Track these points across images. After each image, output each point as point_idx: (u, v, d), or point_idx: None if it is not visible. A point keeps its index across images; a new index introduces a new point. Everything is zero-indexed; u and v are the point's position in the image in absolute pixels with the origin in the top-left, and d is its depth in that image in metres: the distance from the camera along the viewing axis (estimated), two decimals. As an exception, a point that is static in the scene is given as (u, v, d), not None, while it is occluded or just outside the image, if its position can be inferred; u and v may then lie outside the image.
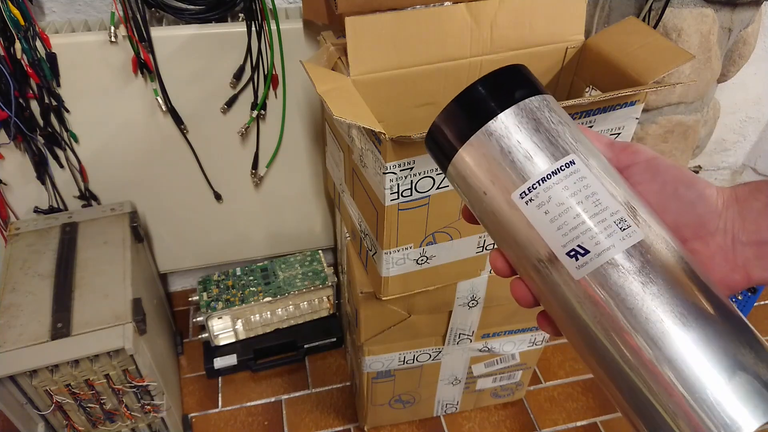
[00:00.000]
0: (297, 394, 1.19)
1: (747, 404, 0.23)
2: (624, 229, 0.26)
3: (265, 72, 0.97)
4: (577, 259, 0.26)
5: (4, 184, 0.98)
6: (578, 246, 0.26)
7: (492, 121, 0.28)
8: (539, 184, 0.27)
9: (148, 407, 0.95)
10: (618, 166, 0.30)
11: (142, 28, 0.87)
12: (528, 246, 0.28)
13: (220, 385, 1.20)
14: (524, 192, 0.27)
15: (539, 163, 0.27)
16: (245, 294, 1.15)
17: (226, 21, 0.95)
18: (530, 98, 0.28)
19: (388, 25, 0.69)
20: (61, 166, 0.99)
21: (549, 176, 0.27)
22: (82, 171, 1.01)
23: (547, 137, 0.27)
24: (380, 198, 0.66)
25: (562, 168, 0.27)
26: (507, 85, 0.29)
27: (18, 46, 0.83)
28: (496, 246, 0.31)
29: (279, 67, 0.97)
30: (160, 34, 0.90)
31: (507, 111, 0.28)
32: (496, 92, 0.29)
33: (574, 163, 0.27)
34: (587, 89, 0.79)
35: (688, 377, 0.24)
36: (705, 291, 0.26)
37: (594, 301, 0.26)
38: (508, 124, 0.28)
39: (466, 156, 0.29)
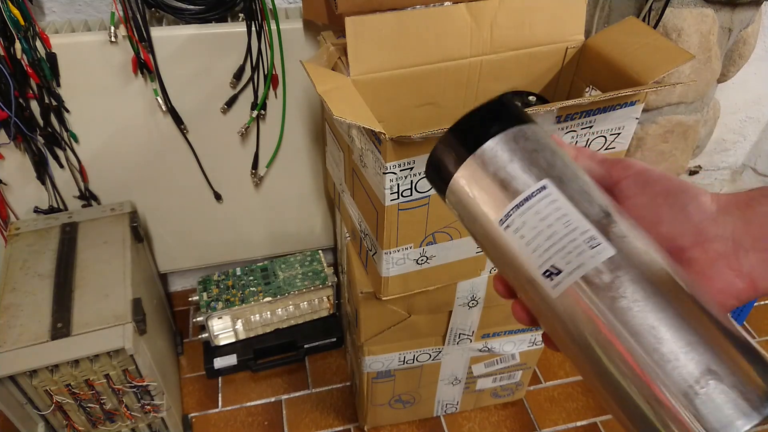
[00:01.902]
0: (297, 394, 1.19)
1: (718, 414, 0.24)
2: (593, 247, 0.27)
3: (265, 72, 0.97)
4: (551, 279, 0.27)
5: (4, 184, 0.98)
6: (551, 266, 0.27)
7: (471, 156, 0.30)
8: (514, 211, 0.29)
9: (148, 407, 0.95)
10: (610, 181, 0.31)
11: (142, 28, 0.87)
12: (515, 269, 0.29)
13: (220, 385, 1.20)
14: (501, 219, 0.29)
15: (513, 191, 0.29)
16: (245, 294, 1.15)
17: (226, 21, 0.95)
18: (507, 130, 0.30)
19: (388, 25, 0.69)
20: (61, 166, 0.99)
21: (522, 203, 0.29)
22: (82, 171, 1.01)
23: (520, 165, 0.29)
24: (380, 198, 0.66)
25: (534, 194, 0.29)
26: (486, 119, 0.31)
27: (18, 46, 0.83)
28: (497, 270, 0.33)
29: (279, 67, 0.97)
30: (160, 34, 0.90)
31: (484, 145, 0.30)
32: (476, 126, 0.31)
33: (546, 188, 0.29)
34: (587, 89, 0.79)
35: (662, 386, 0.25)
36: (684, 300, 0.26)
37: (572, 317, 0.27)
38: (485, 158, 0.30)
39: (454, 190, 0.32)
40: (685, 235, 0.28)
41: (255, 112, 1.00)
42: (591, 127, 0.69)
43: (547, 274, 0.28)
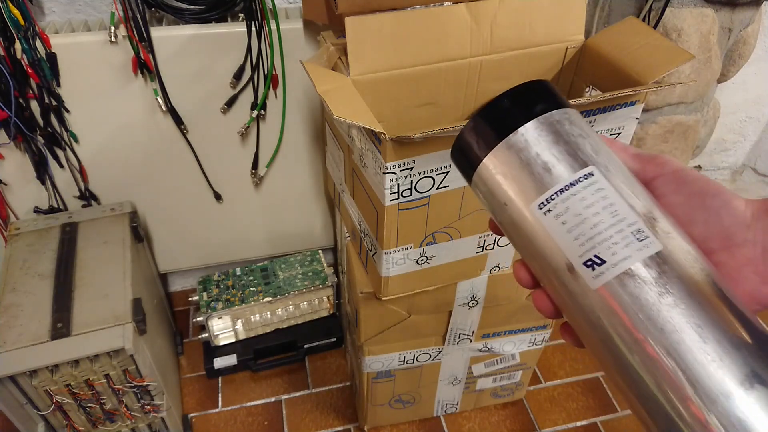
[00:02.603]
0: (297, 394, 1.19)
1: (765, 417, 0.23)
2: (641, 240, 0.26)
3: (265, 72, 0.97)
4: (593, 269, 0.26)
5: (4, 184, 0.98)
6: (595, 256, 0.26)
7: (512, 134, 0.29)
8: (557, 195, 0.27)
9: (148, 407, 0.95)
10: (644, 177, 0.30)
11: (142, 28, 0.87)
12: (548, 256, 0.28)
13: (220, 385, 1.20)
14: (542, 203, 0.28)
15: (557, 174, 0.28)
16: (245, 294, 1.15)
17: (226, 21, 0.95)
18: (551, 112, 0.29)
19: (388, 25, 0.69)
20: (61, 166, 0.99)
21: (567, 187, 0.27)
22: (82, 171, 1.01)
23: (566, 149, 0.28)
24: (380, 198, 0.66)
25: (580, 179, 0.27)
26: (529, 99, 0.30)
27: (18, 46, 0.83)
28: (520, 257, 0.32)
29: (279, 67, 0.97)
30: (160, 34, 0.90)
31: (527, 124, 0.29)
32: (518, 106, 0.29)
33: (593, 175, 0.27)
34: (587, 89, 0.79)
35: (704, 388, 0.24)
36: (725, 302, 0.26)
37: (611, 310, 0.26)
38: (528, 137, 0.29)
39: (488, 168, 0.30)
40: (715, 237, 0.28)
41: (255, 112, 1.00)
42: (591, 127, 0.69)
43: (589, 263, 0.26)
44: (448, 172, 0.65)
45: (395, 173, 0.63)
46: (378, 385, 0.99)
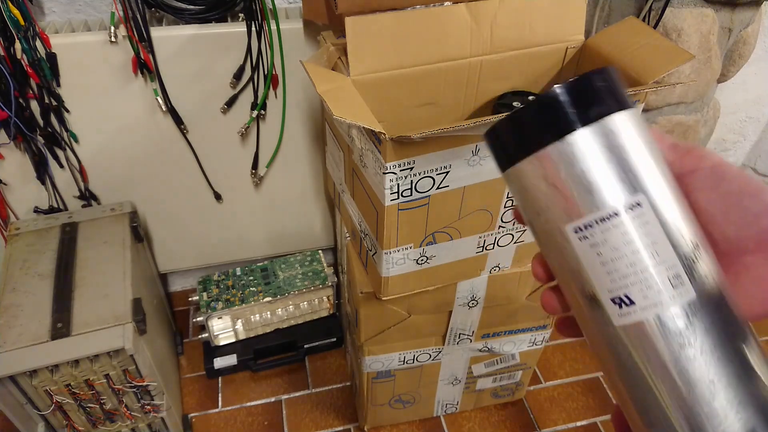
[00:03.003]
0: (297, 394, 1.19)
1: None
2: (676, 287, 0.25)
3: (265, 72, 0.97)
4: (621, 308, 0.25)
5: (4, 184, 0.98)
6: (625, 295, 0.25)
7: (560, 141, 0.25)
8: (597, 224, 0.25)
9: (148, 407, 0.94)
10: (680, 170, 0.29)
11: (142, 28, 0.87)
12: (573, 276, 0.27)
13: (220, 385, 1.20)
14: (579, 227, 0.25)
15: (602, 199, 0.25)
16: (245, 294, 1.15)
17: (226, 21, 0.95)
18: (610, 117, 0.25)
19: (388, 25, 0.69)
20: (61, 166, 0.99)
21: (609, 217, 0.25)
22: (82, 171, 1.01)
23: (617, 169, 0.25)
24: (380, 198, 0.66)
25: (626, 210, 0.25)
26: (590, 96, 0.25)
27: (18, 46, 0.83)
28: (539, 252, 0.30)
29: (279, 67, 0.97)
30: (160, 34, 0.90)
31: (578, 133, 0.25)
32: (573, 104, 0.25)
33: (641, 206, 0.25)
34: (587, 89, 0.79)
35: None
36: (747, 352, 0.25)
37: (629, 348, 0.26)
38: (575, 150, 0.25)
39: (526, 170, 0.26)
40: (750, 239, 0.27)
41: (255, 112, 1.00)
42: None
43: (618, 301, 0.25)
44: (448, 172, 0.65)
45: (395, 173, 0.63)
46: (378, 385, 0.99)
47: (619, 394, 0.27)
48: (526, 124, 0.26)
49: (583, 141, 0.25)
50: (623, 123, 0.25)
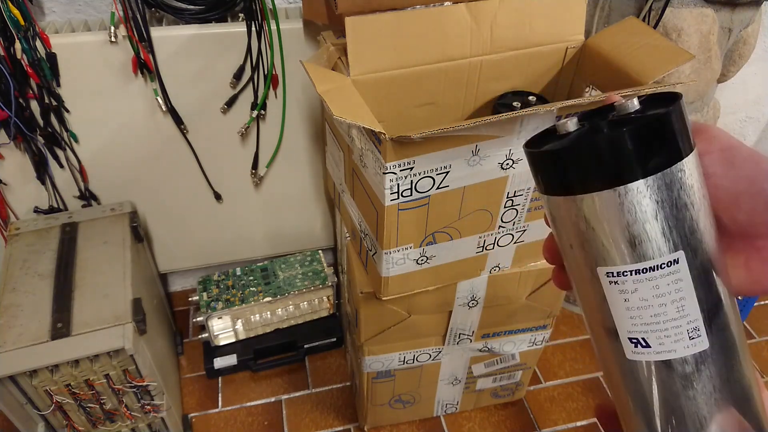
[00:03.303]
0: (297, 394, 1.19)
1: None
2: (692, 339, 0.25)
3: (265, 72, 0.97)
4: (636, 347, 0.26)
5: (4, 184, 0.98)
6: (642, 338, 0.26)
7: (611, 190, 0.24)
8: (630, 275, 0.25)
9: (148, 407, 0.95)
10: None
11: (142, 28, 0.87)
12: (595, 310, 0.27)
13: (220, 385, 1.20)
14: (611, 273, 0.25)
15: (641, 253, 0.25)
16: (245, 294, 1.15)
17: (226, 21, 0.95)
18: (669, 169, 0.24)
19: (388, 25, 0.69)
20: (61, 166, 0.99)
21: (645, 271, 0.25)
22: (82, 171, 1.01)
23: (662, 226, 0.24)
24: (380, 198, 0.66)
25: (663, 266, 0.25)
26: (657, 144, 0.24)
27: (18, 46, 0.83)
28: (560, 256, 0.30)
29: (279, 67, 0.97)
30: (160, 34, 0.90)
31: (632, 185, 0.24)
32: (640, 152, 0.23)
33: (677, 263, 0.25)
34: (587, 89, 0.79)
35: None
36: (740, 396, 0.27)
37: (632, 378, 0.27)
38: (626, 201, 0.24)
39: (573, 205, 0.25)
40: (761, 225, 0.27)
41: (255, 112, 1.00)
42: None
43: (634, 341, 0.26)
44: (448, 172, 0.65)
45: (395, 173, 0.63)
46: (378, 385, 0.99)
47: (621, 406, 0.29)
48: (584, 158, 0.25)
49: (640, 193, 0.24)
50: (681, 174, 0.24)
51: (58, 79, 0.89)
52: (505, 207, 0.73)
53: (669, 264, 0.25)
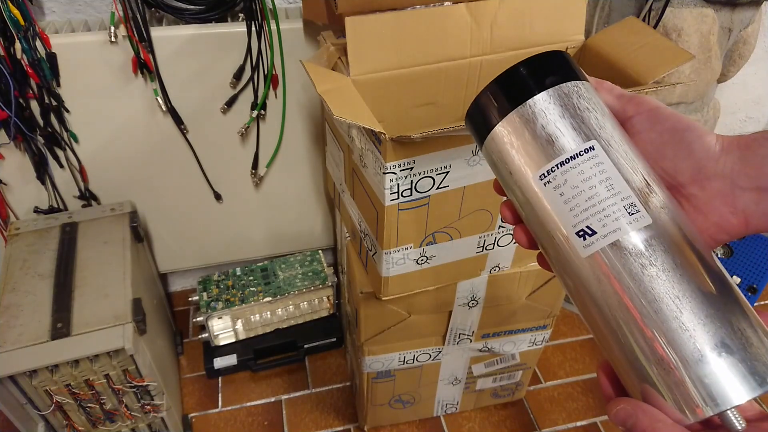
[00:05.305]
0: (297, 394, 1.19)
1: (728, 384, 0.25)
2: (632, 214, 0.27)
3: (265, 72, 0.97)
4: (584, 239, 0.28)
5: (4, 184, 0.98)
6: (587, 227, 0.28)
7: (521, 105, 0.30)
8: (557, 168, 0.29)
9: (148, 407, 0.95)
10: (623, 116, 0.32)
11: (142, 28, 0.87)
12: (544, 223, 0.30)
13: (220, 385, 1.20)
14: (543, 174, 0.29)
15: (560, 147, 0.29)
16: (245, 294, 1.15)
17: (226, 21, 0.95)
18: (562, 84, 0.30)
19: (388, 25, 0.69)
20: (61, 166, 0.99)
21: (567, 161, 0.29)
22: (82, 171, 1.01)
23: (571, 123, 0.29)
24: (380, 198, 0.66)
25: (581, 153, 0.29)
26: (544, 70, 0.30)
27: (18, 46, 0.83)
28: (507, 199, 0.33)
29: (279, 67, 0.97)
30: (160, 34, 0.90)
31: (536, 96, 0.30)
32: (531, 76, 0.30)
33: (593, 149, 0.29)
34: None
35: (677, 354, 0.26)
36: (707, 274, 0.27)
37: (596, 278, 0.28)
38: (535, 110, 0.30)
39: (497, 136, 0.31)
40: (686, 171, 0.30)
41: (255, 112, 1.00)
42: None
43: (581, 233, 0.28)
44: (448, 172, 0.65)
45: (395, 173, 0.63)
46: (378, 385, 0.99)
47: (598, 332, 0.29)
48: (493, 98, 0.31)
49: (541, 103, 0.30)
50: (574, 89, 0.30)
51: (58, 79, 0.89)
52: (505, 207, 0.73)
53: (586, 151, 0.29)
